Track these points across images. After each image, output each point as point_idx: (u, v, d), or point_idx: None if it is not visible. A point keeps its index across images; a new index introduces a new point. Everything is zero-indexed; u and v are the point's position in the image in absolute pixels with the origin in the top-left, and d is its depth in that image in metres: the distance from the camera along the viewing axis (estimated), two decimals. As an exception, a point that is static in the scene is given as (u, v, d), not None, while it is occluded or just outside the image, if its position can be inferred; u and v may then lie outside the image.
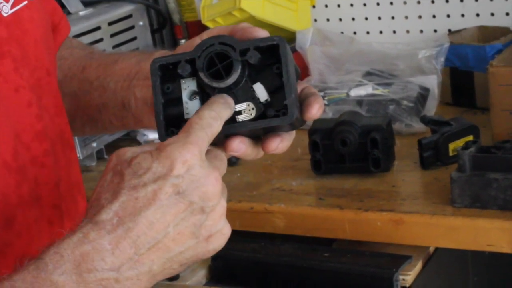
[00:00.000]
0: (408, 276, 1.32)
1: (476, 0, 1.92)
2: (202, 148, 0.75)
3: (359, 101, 1.75)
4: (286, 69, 0.78)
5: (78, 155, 1.73)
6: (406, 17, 2.01)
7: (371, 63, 1.83)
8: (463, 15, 1.94)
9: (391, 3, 2.02)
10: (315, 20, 2.12)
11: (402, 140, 1.63)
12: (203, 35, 0.87)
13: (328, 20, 2.11)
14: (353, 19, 2.08)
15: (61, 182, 0.94)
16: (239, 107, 0.79)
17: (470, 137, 1.48)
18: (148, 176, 0.73)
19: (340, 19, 2.09)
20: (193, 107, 0.80)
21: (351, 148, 1.50)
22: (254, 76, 0.79)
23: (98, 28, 1.83)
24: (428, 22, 1.99)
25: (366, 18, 2.06)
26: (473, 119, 1.59)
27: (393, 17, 2.03)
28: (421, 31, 2.00)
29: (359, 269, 1.34)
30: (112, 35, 1.87)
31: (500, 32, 1.81)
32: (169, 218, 0.73)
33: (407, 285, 1.32)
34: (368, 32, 2.07)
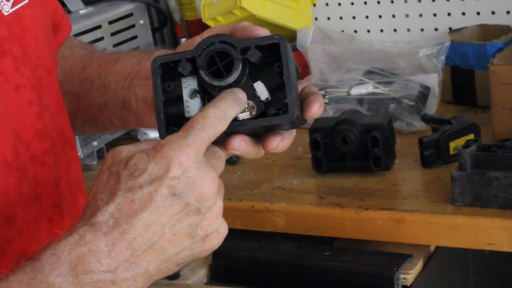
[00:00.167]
0: (409, 275, 1.32)
1: (477, -1, 1.93)
2: (200, 150, 0.74)
3: (360, 100, 1.75)
4: (287, 68, 0.77)
5: (79, 154, 1.73)
6: (407, 16, 2.01)
7: (372, 62, 1.83)
8: (464, 14, 1.94)
9: (392, 2, 2.02)
10: (316, 19, 2.11)
11: (403, 139, 1.63)
12: (204, 34, 0.86)
13: (329, 19, 2.11)
14: (354, 18, 2.08)
15: (61, 181, 0.94)
16: None
17: (471, 136, 1.48)
18: (144, 178, 0.73)
19: (341, 18, 2.09)
20: (194, 106, 0.79)
21: (352, 147, 1.50)
22: (255, 75, 0.79)
23: (99, 27, 1.83)
24: (429, 21, 1.99)
25: (367, 17, 2.06)
26: (474, 118, 1.59)
27: (394, 16, 2.03)
28: (422, 30, 2.00)
29: (360, 268, 1.33)
30: (113, 34, 1.87)
31: (501, 31, 1.81)
32: (165, 220, 0.73)
33: (408, 284, 1.32)
34: (369, 31, 2.07)
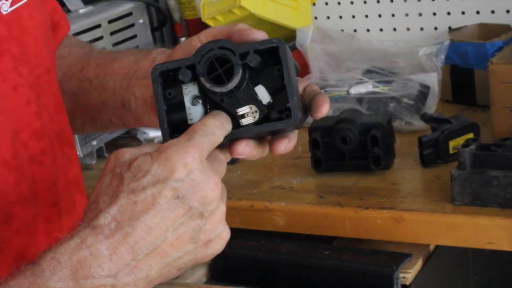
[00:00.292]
0: (408, 274, 1.32)
1: (477, -2, 1.93)
2: (203, 153, 0.74)
3: (359, 99, 1.74)
4: (287, 72, 0.77)
5: (78, 153, 1.73)
6: (407, 15, 2.01)
7: (372, 61, 1.83)
8: (464, 13, 1.94)
9: (391, 1, 2.02)
10: (315, 18, 2.11)
11: (402, 138, 1.63)
12: (201, 36, 0.86)
13: (329, 18, 2.11)
14: (353, 17, 2.08)
15: (59, 180, 0.94)
16: (242, 111, 0.78)
17: (471, 135, 1.48)
18: (148, 179, 0.72)
19: (341, 17, 2.09)
20: (196, 112, 0.79)
21: (351, 146, 1.50)
22: (255, 79, 0.79)
23: (98, 26, 1.83)
24: (429, 20, 1.99)
25: (367, 16, 2.06)
26: (474, 117, 1.59)
27: (394, 15, 2.03)
28: (422, 29, 2.00)
29: (360, 267, 1.33)
30: (112, 33, 1.87)
31: (501, 30, 1.81)
32: (168, 223, 0.72)
33: (407, 283, 1.32)
34: (369, 30, 2.07)
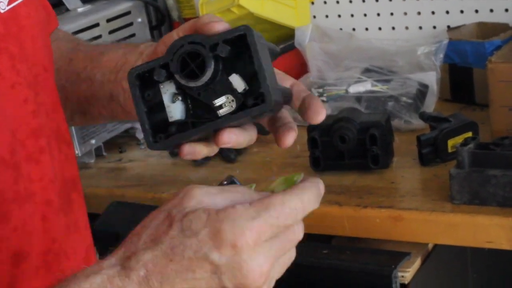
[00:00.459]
0: (407, 273, 1.32)
1: (475, -3, 1.93)
2: (262, 235, 0.69)
3: (358, 98, 1.74)
4: (257, 57, 0.77)
5: (77, 152, 1.73)
6: (405, 14, 2.01)
7: (370, 60, 1.83)
8: (462, 12, 1.94)
9: (390, 0, 2.02)
10: (314, 17, 2.11)
11: (401, 137, 1.63)
12: (179, 30, 0.86)
13: (327, 17, 2.11)
14: (352, 16, 2.08)
15: (57, 179, 0.93)
16: (219, 101, 0.79)
17: (469, 134, 1.48)
18: (191, 243, 0.68)
19: (339, 16, 2.09)
20: (176, 109, 0.80)
21: (350, 145, 1.49)
22: (230, 68, 0.79)
23: (97, 25, 1.83)
24: (427, 19, 1.99)
25: (365, 15, 2.06)
26: (472, 116, 1.59)
27: (392, 14, 2.03)
28: (420, 28, 2.00)
29: (358, 266, 1.33)
30: (111, 32, 1.87)
31: (499, 29, 1.81)
32: None
33: (406, 282, 1.32)
34: (367, 29, 2.06)
